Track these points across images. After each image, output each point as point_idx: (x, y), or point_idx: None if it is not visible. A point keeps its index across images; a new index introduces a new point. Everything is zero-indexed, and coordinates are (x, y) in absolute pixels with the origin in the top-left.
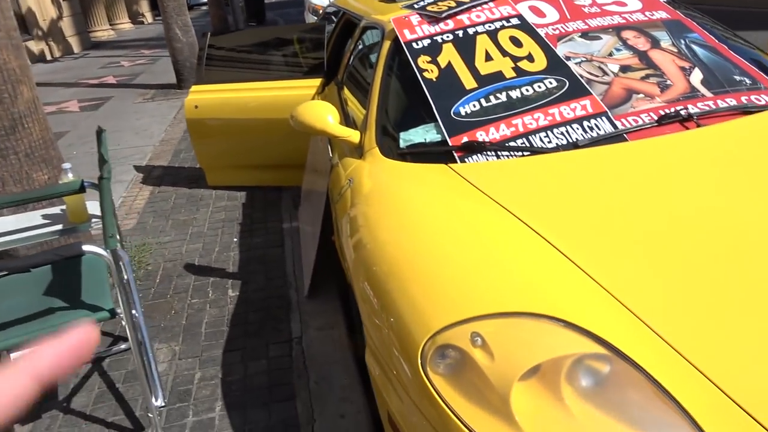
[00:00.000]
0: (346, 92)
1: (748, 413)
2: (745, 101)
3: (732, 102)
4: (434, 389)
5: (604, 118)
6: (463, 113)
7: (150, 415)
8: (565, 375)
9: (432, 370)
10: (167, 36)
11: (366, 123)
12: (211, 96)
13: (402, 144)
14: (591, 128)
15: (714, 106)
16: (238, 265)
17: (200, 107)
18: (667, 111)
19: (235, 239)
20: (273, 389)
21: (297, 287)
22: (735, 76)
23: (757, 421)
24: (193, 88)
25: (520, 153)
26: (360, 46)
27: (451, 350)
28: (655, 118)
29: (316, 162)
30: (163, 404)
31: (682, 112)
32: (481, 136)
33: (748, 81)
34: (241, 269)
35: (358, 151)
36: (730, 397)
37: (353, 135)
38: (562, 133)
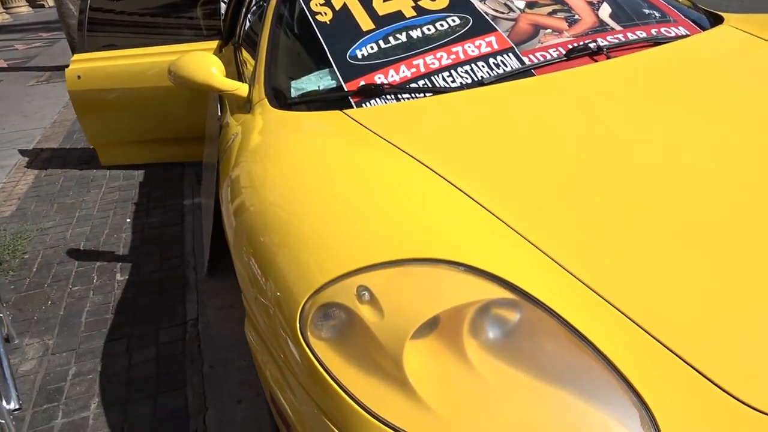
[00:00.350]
0: (243, 53)
1: (673, 352)
2: (655, 33)
3: (642, 34)
4: (314, 356)
5: (510, 54)
6: (359, 56)
7: (2, 421)
8: (468, 327)
9: (313, 334)
10: (59, 12)
11: (255, 74)
12: (96, 65)
13: (293, 93)
14: (497, 65)
15: (623, 39)
16: (129, 248)
17: (84, 78)
18: (576, 45)
19: (128, 220)
20: (161, 378)
21: (196, 266)
22: (644, 10)
23: (683, 360)
24: (75, 57)
25: (421, 94)
26: (255, 1)
27: (335, 309)
28: (564, 52)
29: (210, 128)
30: (17, 407)
31: (591, 46)
32: (379, 79)
33: (657, 14)
34: (133, 251)
35: (247, 106)
36: (654, 337)
37: (241, 88)
38: (466, 72)
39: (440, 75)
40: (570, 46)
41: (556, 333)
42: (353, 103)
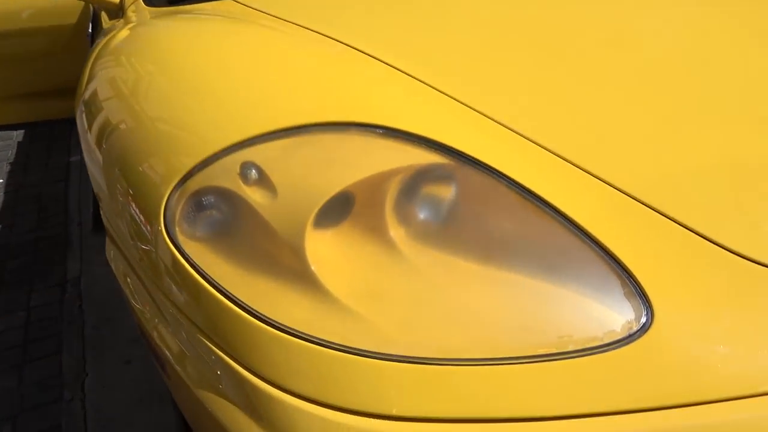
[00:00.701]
0: None
1: (651, 207)
2: None
3: None
4: (186, 259)
5: None
6: None
7: None
8: (393, 209)
9: (183, 232)
10: None
11: None
12: None
13: None
14: None
15: None
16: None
17: None
18: None
19: (1, 181)
20: (30, 346)
21: (82, 222)
22: None
23: (664, 214)
24: None
25: None
26: None
27: (211, 196)
28: None
29: None
30: None
31: None
32: None
33: None
34: (5, 213)
35: (119, 13)
36: (625, 192)
37: None
38: None
39: None
40: None
41: (506, 199)
42: None
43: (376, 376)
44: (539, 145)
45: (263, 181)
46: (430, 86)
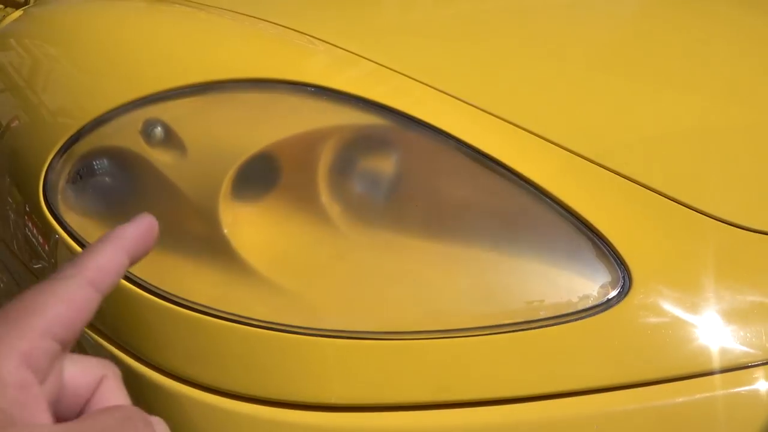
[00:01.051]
0: None
1: (613, 170)
2: None
3: None
4: (67, 231)
5: None
6: None
7: None
8: (327, 176)
9: (66, 202)
10: None
11: None
12: None
13: None
14: None
15: None
16: None
17: None
18: None
19: None
20: None
21: None
22: None
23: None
24: None
25: None
26: None
27: (104, 159)
28: None
29: None
30: None
31: None
32: None
33: None
34: None
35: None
36: (582, 156)
37: None
38: None
39: None
40: None
41: (455, 163)
42: None
43: (307, 355)
44: (489, 113)
45: (171, 140)
46: (365, 58)
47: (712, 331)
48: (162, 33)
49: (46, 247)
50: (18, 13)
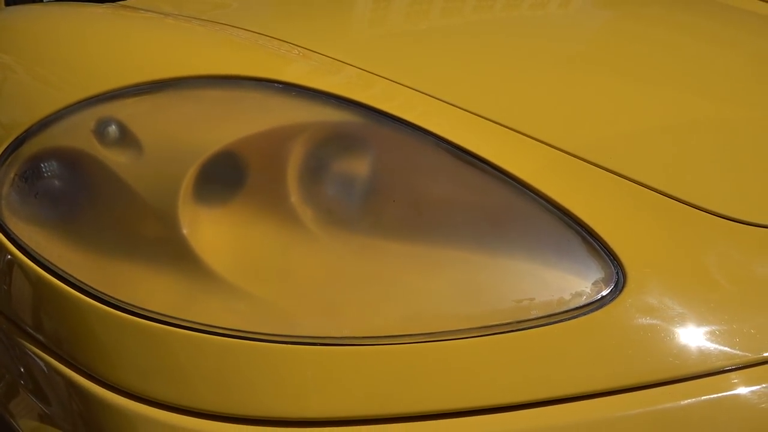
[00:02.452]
0: None
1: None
2: None
3: None
4: (10, 239)
5: None
6: None
7: None
8: (297, 177)
9: (10, 208)
10: None
11: None
12: None
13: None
14: None
15: None
16: None
17: None
18: None
19: None
20: None
21: None
22: None
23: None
24: None
25: None
26: None
27: (53, 161)
28: None
29: None
30: None
31: None
32: None
33: None
34: None
35: None
36: (569, 153)
37: None
38: None
39: None
40: None
41: (433, 160)
42: None
43: (281, 365)
44: (467, 110)
45: (126, 139)
46: (338, 60)
47: (712, 329)
48: (119, 32)
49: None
50: None
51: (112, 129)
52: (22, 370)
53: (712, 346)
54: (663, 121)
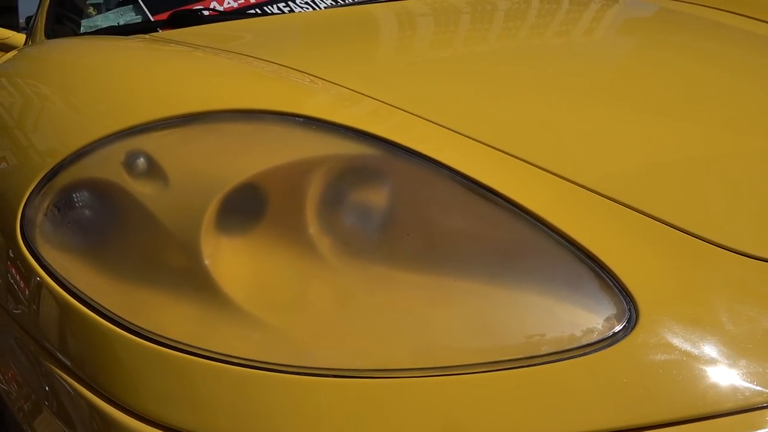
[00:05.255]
0: None
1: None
2: None
3: None
4: (46, 270)
5: None
6: None
7: None
8: (315, 208)
9: (44, 236)
10: None
11: (34, 19)
12: None
13: (83, 31)
14: None
15: None
16: None
17: None
18: None
19: None
20: None
21: None
22: None
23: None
24: None
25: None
26: None
27: (85, 191)
28: None
29: None
30: None
31: None
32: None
33: None
34: None
35: None
36: (583, 186)
37: (14, 37)
38: (306, 3)
39: (275, 5)
40: None
41: (449, 194)
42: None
43: (295, 396)
44: (482, 143)
45: (153, 171)
46: (358, 92)
47: (727, 367)
48: (148, 66)
49: (27, 292)
50: (12, 53)
51: (141, 162)
52: (47, 390)
53: (727, 385)
54: (677, 153)
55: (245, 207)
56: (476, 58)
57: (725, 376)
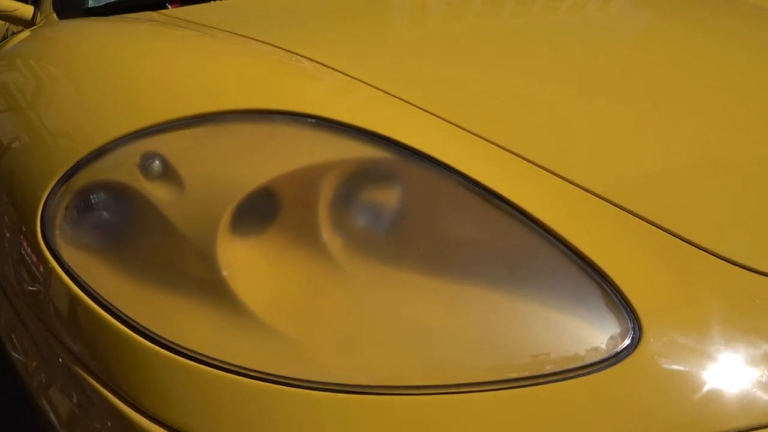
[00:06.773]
0: None
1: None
2: None
3: None
4: (63, 268)
5: None
6: None
7: None
8: (328, 210)
9: (64, 237)
10: None
11: None
12: None
13: (91, 3)
14: None
15: None
16: None
17: None
18: None
19: None
20: None
21: None
22: None
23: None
24: None
25: None
26: None
27: (102, 193)
28: None
29: None
30: None
31: None
32: None
33: None
34: None
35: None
36: (595, 194)
37: (22, 9)
38: None
39: None
40: None
41: (460, 200)
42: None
43: (306, 411)
44: (495, 144)
45: (168, 174)
46: (368, 84)
47: (732, 384)
48: (162, 61)
49: (41, 268)
50: (26, 33)
51: (156, 164)
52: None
53: (729, 404)
54: (690, 156)
55: (259, 213)
56: (492, 57)
57: (728, 395)
